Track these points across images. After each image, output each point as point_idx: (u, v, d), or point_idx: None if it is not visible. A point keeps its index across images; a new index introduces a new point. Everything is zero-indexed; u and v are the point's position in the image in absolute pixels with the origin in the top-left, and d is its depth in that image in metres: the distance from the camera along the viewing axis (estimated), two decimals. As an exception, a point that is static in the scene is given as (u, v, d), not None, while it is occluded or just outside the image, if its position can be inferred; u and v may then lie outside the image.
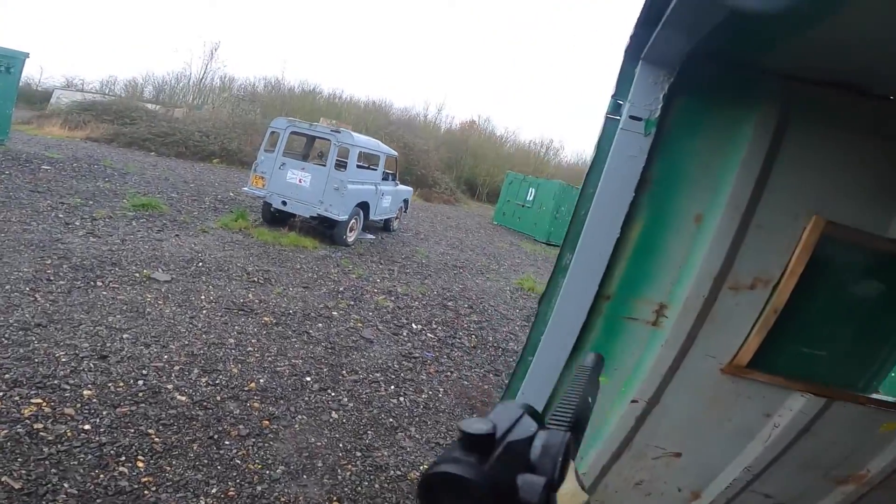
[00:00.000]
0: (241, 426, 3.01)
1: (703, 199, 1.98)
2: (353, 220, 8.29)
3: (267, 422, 3.11)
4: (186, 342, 3.80)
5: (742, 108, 1.91)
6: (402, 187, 10.63)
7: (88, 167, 9.60)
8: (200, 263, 5.61)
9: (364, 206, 8.52)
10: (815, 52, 1.68)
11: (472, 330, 5.65)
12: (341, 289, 5.97)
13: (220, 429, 2.94)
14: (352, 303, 5.56)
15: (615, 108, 2.02)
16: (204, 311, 4.41)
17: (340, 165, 7.91)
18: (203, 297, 4.73)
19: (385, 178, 9.43)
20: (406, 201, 10.93)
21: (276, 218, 8.23)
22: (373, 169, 8.99)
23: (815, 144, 1.89)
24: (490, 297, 7.26)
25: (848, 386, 2.10)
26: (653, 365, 2.10)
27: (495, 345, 5.33)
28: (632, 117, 1.94)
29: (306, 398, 3.46)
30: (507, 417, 0.34)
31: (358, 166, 8.19)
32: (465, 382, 4.26)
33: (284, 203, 7.84)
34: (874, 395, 2.13)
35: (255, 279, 5.57)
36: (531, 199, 16.22)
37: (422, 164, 19.17)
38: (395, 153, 10.05)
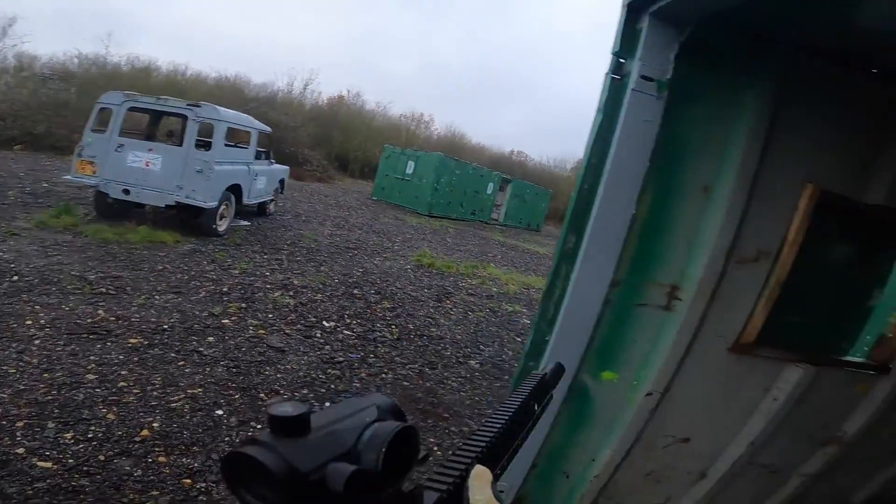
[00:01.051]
0: (154, 492, 2.20)
1: (709, 170, 1.85)
2: (224, 206, 7.05)
3: (188, 480, 2.32)
4: (23, 387, 2.71)
5: (746, 76, 1.80)
6: (277, 166, 9.42)
7: None
8: (15, 277, 4.16)
9: (236, 189, 7.30)
10: (821, 26, 1.63)
11: (389, 319, 5.17)
12: (225, 289, 4.98)
13: (124, 501, 2.12)
14: (243, 305, 4.65)
15: (618, 67, 1.77)
16: (37, 341, 3.23)
17: (203, 144, 6.59)
18: (30, 321, 3.48)
19: (258, 157, 8.21)
20: (282, 181, 9.73)
21: (117, 211, 6.63)
22: (243, 147, 7.71)
23: (811, 115, 1.87)
24: (394, 278, 6.83)
25: (832, 353, 2.17)
26: (667, 353, 1.95)
27: (418, 333, 4.92)
28: (644, 77, 1.70)
29: (226, 437, 2.69)
30: (355, 407, 0.35)
31: (226, 145, 6.92)
32: (405, 383, 3.79)
33: (127, 192, 6.32)
34: (849, 358, 2.23)
35: (103, 289, 4.32)
36: (410, 172, 15.95)
37: (290, 142, 17.54)
38: (268, 128, 8.81)
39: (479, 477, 0.38)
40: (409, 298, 6.05)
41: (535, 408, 0.54)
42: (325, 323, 4.65)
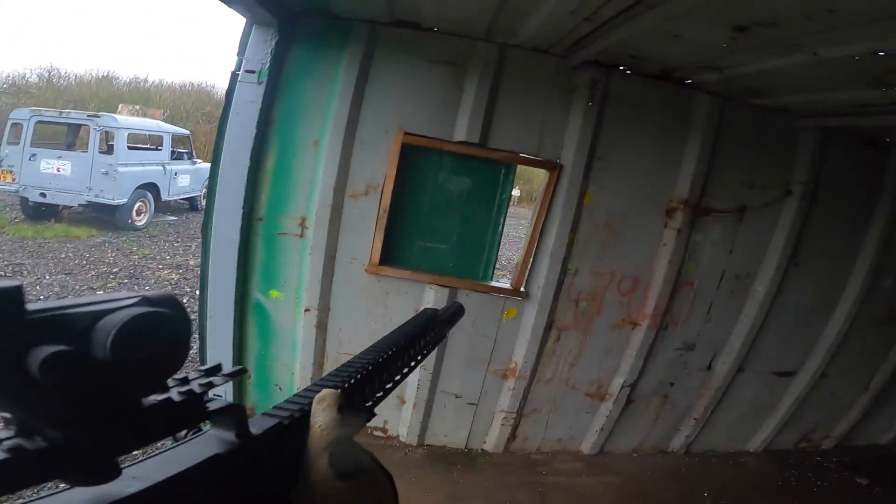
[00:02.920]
0: None
1: (316, 127, 2.54)
2: (141, 203, 7.78)
3: None
4: None
5: (337, 49, 2.48)
6: (204, 164, 10.09)
7: None
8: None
9: (152, 187, 8.01)
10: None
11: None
12: (116, 270, 5.71)
13: None
14: (125, 281, 5.38)
15: (239, 65, 2.45)
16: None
17: (107, 150, 7.32)
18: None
19: (178, 158, 8.91)
20: (212, 178, 10.41)
21: (42, 212, 7.35)
22: (157, 149, 8.42)
23: (395, 72, 2.53)
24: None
25: (468, 276, 2.75)
26: (310, 273, 2.64)
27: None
28: (247, 71, 2.40)
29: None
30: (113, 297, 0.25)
31: (131, 148, 7.63)
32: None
33: (44, 195, 7.05)
34: (493, 283, 2.82)
35: (1, 273, 5.04)
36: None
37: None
38: (187, 131, 9.52)
39: (323, 400, 0.36)
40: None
41: (422, 344, 0.52)
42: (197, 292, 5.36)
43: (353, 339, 2.79)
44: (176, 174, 8.69)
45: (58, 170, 7.04)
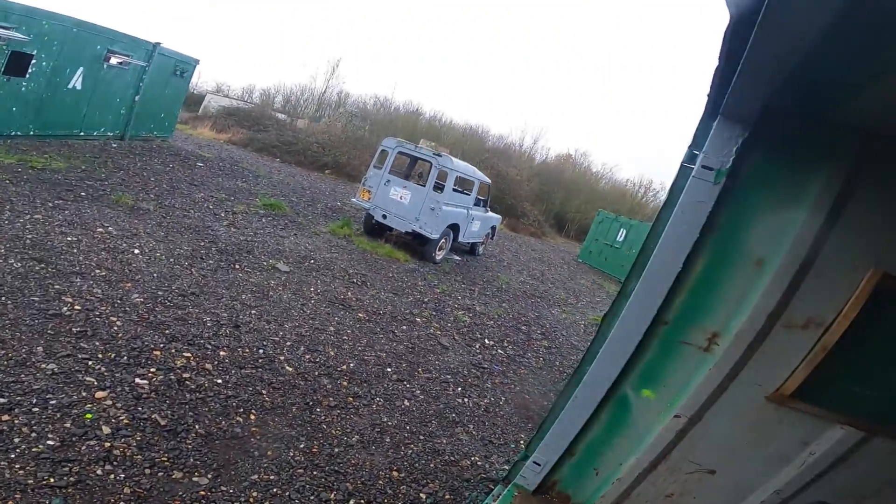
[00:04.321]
0: (330, 398, 3.61)
1: (766, 245, 2.20)
2: (443, 240, 8.94)
3: (351, 398, 3.69)
4: (297, 324, 4.56)
5: (812, 162, 2.11)
6: (491, 214, 11.16)
7: (230, 167, 11.38)
8: (312, 261, 6.52)
9: (455, 228, 9.15)
10: (882, 106, 1.78)
11: (541, 353, 5.90)
12: (426, 300, 6.55)
13: (314, 398, 3.56)
14: (434, 313, 6.10)
15: (691, 158, 2.32)
16: (312, 301, 5.20)
17: (438, 187, 8.62)
18: (312, 289, 5.55)
19: (477, 204, 10.02)
20: (494, 228, 11.42)
21: (376, 229, 9.14)
22: (466, 193, 9.62)
23: (881, 199, 2.03)
24: (564, 328, 7.43)
25: (888, 423, 2.15)
26: (699, 385, 2.31)
27: (561, 369, 5.53)
28: (704, 167, 2.23)
29: (385, 385, 4.00)
30: None
31: (453, 190, 8.86)
32: (526, 396, 4.57)
33: (385, 217, 8.71)
34: None
35: (354, 280, 6.34)
36: (621, 239, 15.87)
37: (512, 194, 19.56)
38: (489, 180, 10.63)
39: None
40: (569, 345, 6.60)
41: None
42: (486, 340, 5.70)
43: (707, 453, 2.39)
44: (472, 219, 9.77)
45: (401, 198, 8.66)
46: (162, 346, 3.48)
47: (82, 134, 9.33)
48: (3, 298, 3.33)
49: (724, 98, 2.02)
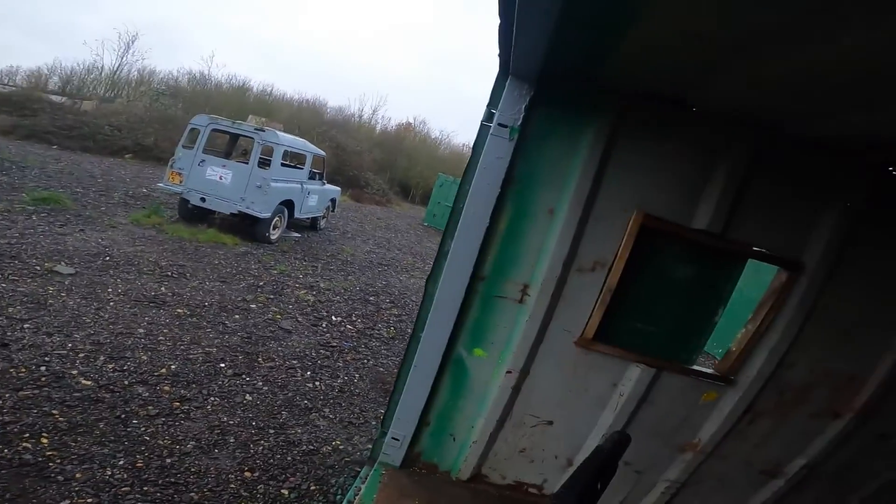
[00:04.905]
0: (150, 407, 3.07)
1: (554, 195, 2.42)
2: (277, 218, 8.27)
3: (178, 403, 3.20)
4: (92, 332, 3.75)
5: (585, 117, 2.34)
6: (329, 187, 10.67)
7: (-24, 156, 8.74)
8: (108, 258, 5.42)
9: (289, 204, 8.51)
10: (634, 67, 2.01)
11: (392, 323, 5.92)
12: (261, 283, 6.00)
13: (127, 409, 3.00)
14: (271, 296, 5.63)
15: (489, 116, 2.40)
16: (111, 304, 4.33)
17: (264, 163, 7.87)
18: (111, 290, 4.61)
19: (312, 178, 9.46)
20: (334, 200, 10.97)
21: (195, 215, 8.02)
22: (299, 168, 9.00)
23: (639, 149, 2.37)
24: (413, 293, 7.57)
25: (674, 358, 2.57)
26: (521, 338, 2.51)
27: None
28: (500, 124, 2.33)
29: (220, 382, 3.56)
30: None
31: (283, 165, 8.18)
32: (381, 369, 4.52)
33: (203, 199, 7.68)
34: (695, 367, 2.62)
35: (169, 273, 5.47)
36: (460, 201, 16.71)
37: (354, 165, 19.13)
38: (323, 153, 10.10)
39: None
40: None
41: (598, 487, 0.55)
42: (333, 318, 5.49)
43: (543, 405, 2.66)
44: (308, 193, 9.21)
45: (220, 178, 7.67)
46: None
47: None
48: None
49: (510, 58, 2.12)
